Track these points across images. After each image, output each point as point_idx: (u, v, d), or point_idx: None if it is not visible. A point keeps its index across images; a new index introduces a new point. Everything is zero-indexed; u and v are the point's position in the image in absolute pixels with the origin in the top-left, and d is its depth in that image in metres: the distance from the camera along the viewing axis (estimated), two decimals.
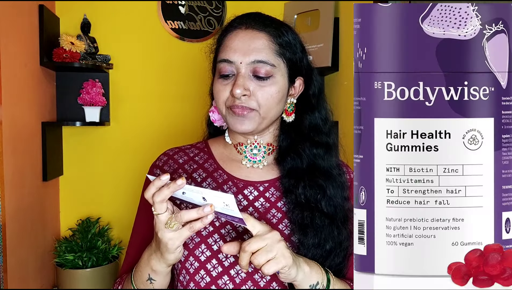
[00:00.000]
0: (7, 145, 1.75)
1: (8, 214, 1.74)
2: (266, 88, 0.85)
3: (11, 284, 1.75)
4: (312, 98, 0.93)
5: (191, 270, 0.82)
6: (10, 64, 1.78)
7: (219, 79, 0.88)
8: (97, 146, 2.45)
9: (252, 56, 0.85)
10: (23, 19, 1.97)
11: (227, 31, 0.90)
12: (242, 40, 0.86)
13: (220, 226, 0.85)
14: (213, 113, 0.96)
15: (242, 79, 0.84)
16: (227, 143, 0.96)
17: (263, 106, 0.85)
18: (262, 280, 0.82)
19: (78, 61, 2.20)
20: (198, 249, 0.83)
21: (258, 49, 0.85)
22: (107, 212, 2.44)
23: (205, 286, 0.81)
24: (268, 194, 0.90)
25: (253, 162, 0.92)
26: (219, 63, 0.87)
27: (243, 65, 0.85)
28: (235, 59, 0.85)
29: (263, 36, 0.86)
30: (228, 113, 0.87)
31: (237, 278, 0.82)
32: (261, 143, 0.93)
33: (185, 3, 2.48)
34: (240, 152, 0.93)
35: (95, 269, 2.13)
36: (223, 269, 0.82)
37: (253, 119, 0.86)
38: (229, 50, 0.86)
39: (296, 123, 0.92)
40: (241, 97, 0.84)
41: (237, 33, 0.87)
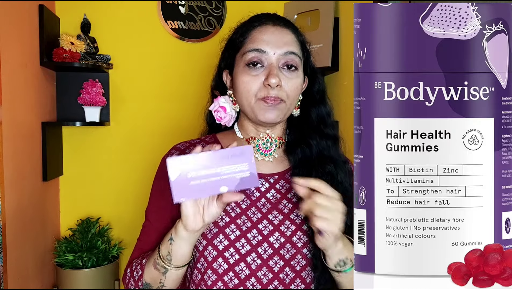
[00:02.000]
0: (7, 145, 1.75)
1: (8, 214, 1.74)
2: (293, 80, 0.90)
3: (11, 284, 1.75)
4: (317, 94, 0.98)
5: (209, 259, 0.86)
6: (10, 64, 1.78)
7: (245, 69, 0.90)
8: (97, 146, 2.45)
9: (284, 48, 0.89)
10: (23, 19, 1.97)
11: (252, 26, 0.93)
12: (273, 34, 0.90)
13: (236, 217, 0.88)
14: (218, 112, 0.96)
15: (276, 70, 0.88)
16: (238, 137, 0.98)
17: (291, 97, 0.90)
18: (276, 266, 0.85)
19: (78, 61, 2.20)
20: (216, 238, 0.86)
21: (289, 42, 0.90)
22: (107, 212, 2.44)
23: (222, 272, 0.85)
24: (278, 186, 0.93)
25: (264, 155, 0.95)
26: (249, 52, 0.89)
27: (276, 56, 0.89)
28: (268, 49, 0.89)
29: (290, 32, 0.92)
30: (259, 105, 0.89)
31: (253, 264, 0.85)
32: (272, 136, 0.96)
33: (185, 3, 2.48)
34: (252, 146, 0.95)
35: (95, 269, 2.13)
36: (240, 257, 0.85)
37: (281, 109, 0.89)
38: (261, 41, 0.90)
39: (303, 117, 0.96)
40: (276, 87, 0.87)
41: (267, 28, 0.92)
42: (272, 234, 0.87)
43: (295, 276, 0.86)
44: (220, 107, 0.96)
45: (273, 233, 0.87)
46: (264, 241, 0.86)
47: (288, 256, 0.86)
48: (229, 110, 0.96)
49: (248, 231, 0.87)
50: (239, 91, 0.91)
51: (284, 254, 0.86)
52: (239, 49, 0.93)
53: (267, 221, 0.88)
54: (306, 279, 0.86)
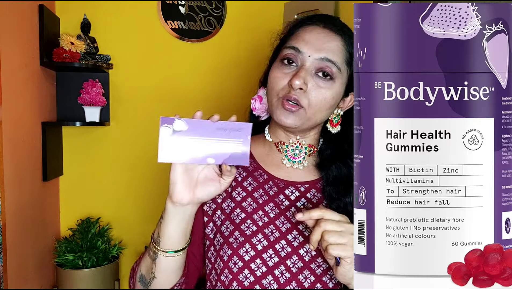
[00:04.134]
0: (7, 145, 1.75)
1: (8, 214, 1.74)
2: (323, 90, 0.83)
3: (11, 284, 1.75)
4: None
5: (235, 270, 0.81)
6: (10, 64, 1.78)
7: (279, 65, 0.85)
8: (97, 146, 2.45)
9: (323, 53, 0.83)
10: (23, 19, 1.97)
11: (303, 24, 0.88)
12: (317, 36, 0.84)
13: (263, 226, 0.84)
14: (255, 101, 0.94)
15: (305, 73, 0.82)
16: (267, 140, 0.94)
17: (313, 106, 0.83)
18: (306, 281, 0.80)
19: (78, 61, 2.20)
20: (242, 248, 0.82)
21: (331, 49, 0.84)
22: (107, 212, 2.44)
23: (248, 285, 0.80)
24: (309, 195, 0.88)
25: (293, 162, 0.90)
26: (286, 48, 0.85)
27: (311, 59, 0.83)
28: (305, 50, 0.83)
29: (339, 40, 0.85)
30: (277, 104, 0.84)
31: (282, 278, 0.80)
32: (303, 143, 0.91)
33: (185, 3, 2.48)
34: (281, 151, 0.91)
35: (95, 269, 2.13)
36: (267, 269, 0.80)
37: (298, 116, 0.83)
38: (301, 40, 0.84)
39: (342, 135, 0.90)
40: (298, 89, 0.82)
41: (314, 28, 0.86)
42: (303, 246, 0.82)
43: None
44: (258, 96, 0.94)
45: (303, 245, 0.82)
46: (294, 253, 0.81)
47: (319, 271, 0.80)
48: (264, 101, 0.92)
49: (276, 241, 0.82)
50: (268, 86, 0.87)
51: (316, 269, 0.80)
52: (283, 44, 0.88)
53: (297, 232, 0.83)
54: None
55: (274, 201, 0.87)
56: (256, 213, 0.85)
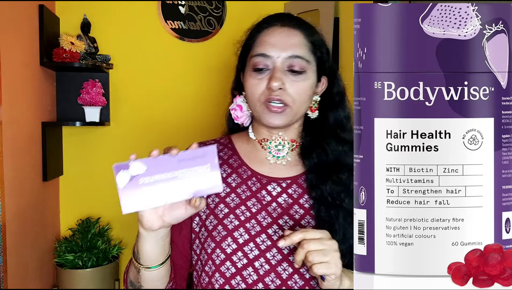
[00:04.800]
0: (7, 145, 1.75)
1: (8, 214, 1.74)
2: (300, 83, 0.88)
3: (11, 284, 1.75)
4: (335, 96, 0.96)
5: (217, 262, 0.85)
6: (10, 64, 1.78)
7: (252, 74, 0.89)
8: (97, 146, 2.45)
9: (289, 51, 0.87)
10: (23, 19, 1.97)
11: (261, 28, 0.92)
12: (279, 36, 0.89)
13: (245, 220, 0.87)
14: (236, 111, 0.97)
15: (279, 73, 0.87)
16: (251, 138, 0.97)
17: (297, 101, 0.88)
18: (284, 273, 0.84)
19: (78, 61, 2.20)
20: (224, 241, 0.86)
21: (295, 44, 0.88)
22: (107, 212, 2.44)
23: (230, 276, 0.84)
24: (290, 191, 0.91)
25: (277, 158, 0.94)
26: (255, 57, 0.89)
27: (280, 60, 0.87)
28: (272, 53, 0.87)
29: (298, 33, 0.90)
30: (262, 108, 0.88)
31: (261, 270, 0.84)
32: (285, 139, 0.94)
33: (185, 3, 2.48)
34: (264, 148, 0.95)
35: (95, 269, 2.13)
36: (248, 261, 0.84)
37: (286, 114, 0.88)
38: (267, 45, 0.89)
39: (320, 120, 0.94)
40: (278, 90, 0.86)
41: (274, 30, 0.90)
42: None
43: (304, 284, 0.84)
44: (237, 106, 0.97)
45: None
46: (273, 246, 0.85)
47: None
48: (245, 109, 0.96)
49: (257, 235, 0.86)
50: (247, 94, 0.91)
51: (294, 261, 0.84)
52: (249, 52, 0.92)
53: (277, 226, 0.87)
54: (316, 287, 0.85)
55: (256, 196, 0.90)
56: (238, 208, 0.89)
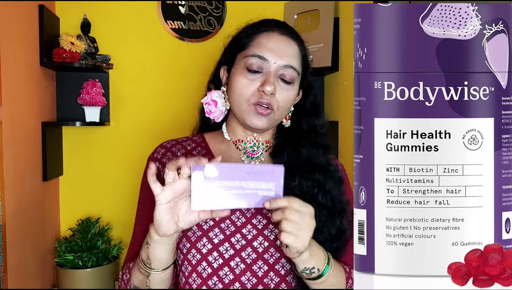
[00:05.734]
0: (7, 145, 1.75)
1: (8, 214, 1.74)
2: (287, 92, 0.90)
3: (11, 284, 1.75)
4: (309, 106, 0.98)
5: (193, 262, 0.86)
6: (10, 64, 1.78)
7: (244, 72, 0.90)
8: (97, 146, 2.45)
9: (285, 60, 0.89)
10: (23, 19, 1.97)
11: (259, 30, 0.92)
12: (279, 43, 0.90)
13: (220, 221, 0.88)
14: (209, 105, 0.96)
15: (273, 78, 0.88)
16: (225, 139, 0.98)
17: (281, 108, 0.90)
18: (260, 271, 0.85)
19: (78, 61, 2.20)
20: (199, 242, 0.86)
21: (291, 55, 0.90)
22: (107, 212, 2.44)
23: (207, 276, 0.85)
24: None
25: (251, 158, 0.95)
26: (251, 57, 0.89)
27: (275, 66, 0.89)
28: (270, 58, 0.88)
29: (295, 45, 0.92)
30: (249, 109, 0.89)
31: (237, 269, 0.85)
32: (260, 140, 0.96)
33: (185, 3, 2.48)
34: (239, 149, 0.96)
35: (95, 269, 2.13)
36: (223, 261, 0.85)
37: (269, 118, 0.90)
38: (265, 48, 0.89)
39: (293, 127, 0.96)
40: (269, 94, 0.87)
41: (273, 35, 0.91)
42: (256, 239, 0.87)
43: (280, 281, 0.85)
44: (212, 100, 0.96)
45: (256, 238, 0.87)
46: (248, 245, 0.86)
47: (272, 260, 0.86)
48: (220, 105, 0.96)
49: (231, 235, 0.87)
50: (233, 91, 0.91)
51: (268, 259, 0.86)
52: (242, 50, 0.92)
53: (251, 226, 0.88)
54: (292, 283, 0.86)
55: None
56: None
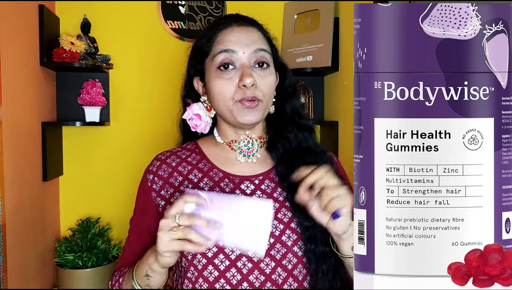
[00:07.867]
0: (7, 145, 1.75)
1: (8, 214, 1.74)
2: (267, 77, 0.89)
3: (11, 284, 1.75)
4: (288, 88, 0.97)
5: (199, 267, 0.85)
6: (10, 64, 1.78)
7: (218, 74, 0.89)
8: (97, 146, 2.45)
9: (252, 46, 0.88)
10: (23, 19, 1.97)
11: (218, 29, 0.92)
12: (238, 34, 0.89)
13: None
14: (193, 120, 0.95)
15: (249, 69, 0.87)
16: (219, 142, 0.97)
17: (266, 95, 0.89)
18: (267, 268, 0.84)
19: (78, 61, 2.20)
20: None
21: (257, 40, 0.90)
22: (107, 212, 2.44)
23: (213, 280, 0.84)
24: (263, 186, 0.92)
25: (247, 157, 0.94)
26: (218, 55, 0.88)
27: (246, 56, 0.88)
28: (237, 48, 0.88)
29: (256, 30, 0.92)
30: (237, 107, 0.88)
31: (244, 269, 0.84)
32: (253, 137, 0.95)
33: (185, 3, 2.48)
34: (234, 149, 0.95)
35: (95, 269, 2.13)
36: (230, 262, 0.84)
37: (259, 110, 0.89)
38: (229, 42, 0.89)
39: (278, 113, 0.96)
40: (251, 87, 0.86)
41: (232, 29, 0.90)
42: None
43: (288, 276, 0.85)
44: (195, 114, 0.94)
45: None
46: None
47: (279, 256, 0.85)
48: (204, 117, 0.95)
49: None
50: (214, 97, 0.90)
51: (275, 255, 0.85)
52: (207, 54, 0.92)
53: None
54: (298, 277, 0.86)
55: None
56: None
